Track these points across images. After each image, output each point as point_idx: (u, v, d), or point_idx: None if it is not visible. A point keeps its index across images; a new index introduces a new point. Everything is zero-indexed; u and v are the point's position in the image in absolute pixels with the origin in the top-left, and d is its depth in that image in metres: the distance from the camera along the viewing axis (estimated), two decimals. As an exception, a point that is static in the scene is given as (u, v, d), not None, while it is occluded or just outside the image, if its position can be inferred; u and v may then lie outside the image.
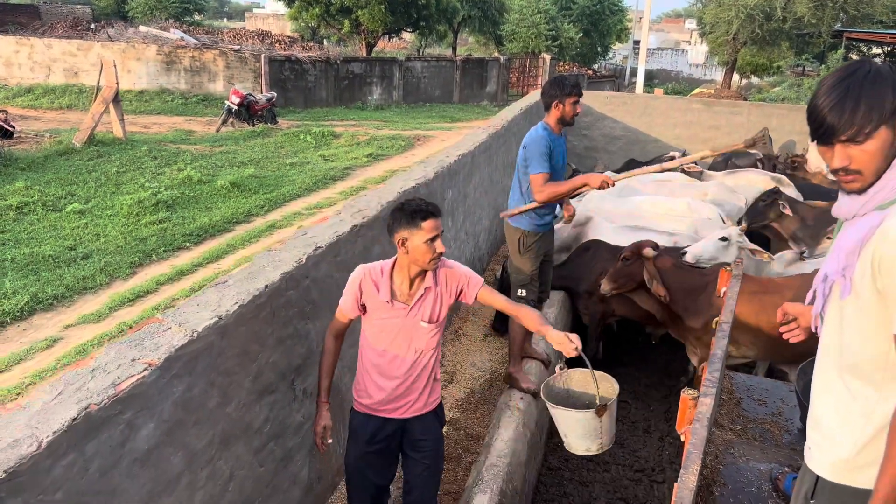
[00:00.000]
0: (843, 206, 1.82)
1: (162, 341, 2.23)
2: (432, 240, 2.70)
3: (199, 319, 2.40)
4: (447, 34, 34.33)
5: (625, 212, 6.43)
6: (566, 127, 4.46)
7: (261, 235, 9.68)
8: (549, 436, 4.81)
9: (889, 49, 26.79)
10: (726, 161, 8.80)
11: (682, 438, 2.30)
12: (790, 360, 4.46)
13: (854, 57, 28.49)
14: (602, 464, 4.59)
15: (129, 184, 11.07)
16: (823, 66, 21.49)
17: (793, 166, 8.50)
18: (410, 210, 2.72)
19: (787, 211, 6.14)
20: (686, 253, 4.96)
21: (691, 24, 49.82)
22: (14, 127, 13.55)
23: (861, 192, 1.76)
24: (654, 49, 50.65)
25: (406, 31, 30.37)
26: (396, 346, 2.82)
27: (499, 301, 2.94)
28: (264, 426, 2.82)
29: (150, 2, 40.51)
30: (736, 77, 34.25)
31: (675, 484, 1.95)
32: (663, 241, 5.55)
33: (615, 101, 10.61)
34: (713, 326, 4.36)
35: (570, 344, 2.63)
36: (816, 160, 8.32)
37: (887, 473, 1.65)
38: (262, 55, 19.02)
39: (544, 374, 4.51)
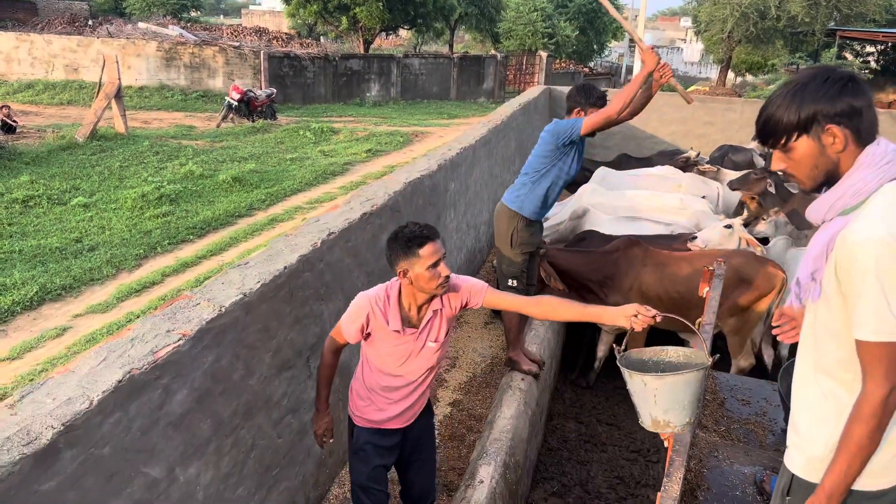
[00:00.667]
0: (812, 210, 1.88)
1: (193, 315, 2.40)
2: (434, 265, 2.56)
3: (225, 296, 2.57)
4: (444, 31, 34.47)
5: (620, 205, 6.61)
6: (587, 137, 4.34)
7: (263, 229, 9.83)
8: (549, 418, 4.99)
9: (882, 48, 27.04)
10: (723, 157, 8.98)
11: (666, 444, 2.23)
12: (684, 328, 4.84)
13: (848, 56, 28.76)
14: (599, 444, 4.77)
15: (133, 178, 11.21)
16: (816, 64, 21.69)
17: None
18: (405, 238, 2.57)
19: (771, 189, 6.36)
20: (696, 238, 5.22)
21: (687, 22, 49.99)
22: (17, 122, 13.67)
23: (808, 192, 1.89)
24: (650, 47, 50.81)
25: (403, 28, 30.52)
26: (406, 368, 2.76)
27: (506, 300, 2.88)
28: (282, 400, 2.99)
29: (147, -1, 40.47)
30: (731, 75, 34.47)
31: (658, 493, 1.92)
32: (660, 231, 5.74)
33: (611, 97, 10.78)
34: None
35: (646, 313, 2.40)
36: None
37: (834, 470, 1.71)
38: (262, 52, 19.15)
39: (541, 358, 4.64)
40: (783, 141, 1.77)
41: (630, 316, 2.40)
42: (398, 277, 2.64)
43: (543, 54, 28.71)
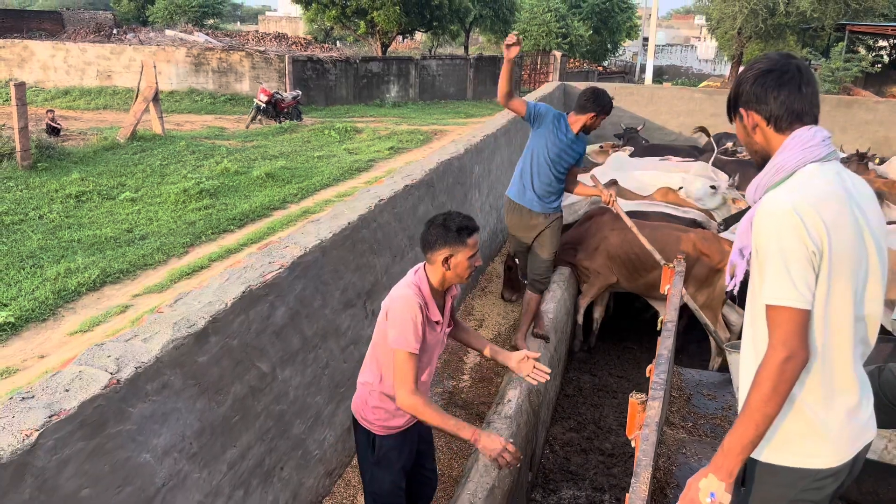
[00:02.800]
0: (748, 192, 1.97)
1: (286, 253, 3.08)
2: (474, 255, 2.66)
3: (306, 241, 3.25)
4: (459, 34, 35.19)
5: (627, 185, 7.22)
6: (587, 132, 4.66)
7: (297, 220, 10.54)
8: (565, 370, 5.64)
9: (893, 42, 27.35)
10: (718, 142, 9.54)
11: (633, 444, 2.21)
12: (643, 292, 5.76)
13: (861, 50, 29.08)
14: (610, 392, 5.41)
15: (173, 175, 11.98)
16: (825, 59, 22.13)
17: None
18: (455, 227, 2.61)
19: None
20: (682, 188, 5.89)
21: (700, 20, 50.31)
22: (61, 125, 14.50)
23: (760, 167, 1.94)
24: (663, 45, 51.27)
25: (419, 31, 31.27)
26: (430, 361, 2.78)
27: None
28: (347, 331, 3.66)
29: (170, 7, 41.54)
30: (744, 71, 34.84)
31: (627, 494, 1.92)
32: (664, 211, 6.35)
33: (623, 91, 11.41)
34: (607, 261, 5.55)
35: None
36: None
37: (732, 432, 1.73)
38: (287, 56, 19.93)
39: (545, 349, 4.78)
40: (730, 113, 1.96)
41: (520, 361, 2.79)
42: (432, 263, 2.67)
43: (557, 54, 29.31)
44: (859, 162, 8.31)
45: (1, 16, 41.33)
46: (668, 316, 3.13)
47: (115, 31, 38.21)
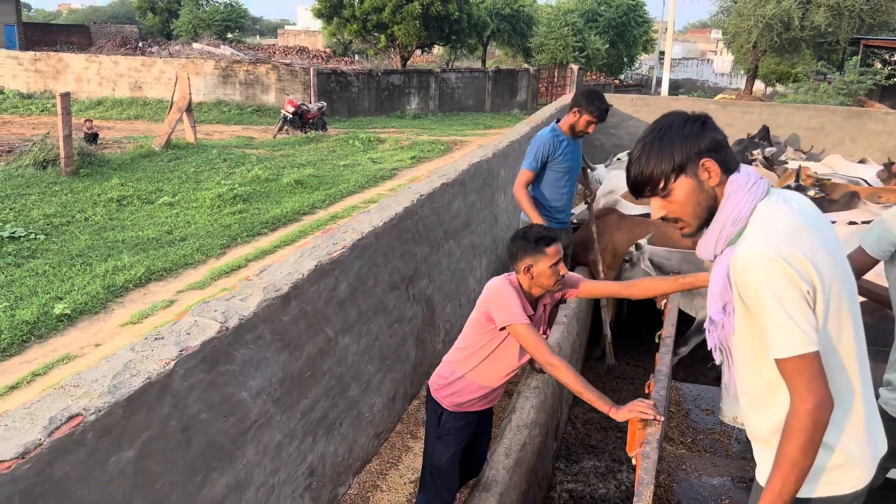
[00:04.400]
0: (701, 247, 1.90)
1: (346, 237, 3.54)
2: (556, 264, 2.80)
3: (361, 228, 3.71)
4: (477, 47, 35.83)
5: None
6: (576, 136, 4.66)
7: (326, 224, 11.02)
8: (585, 358, 6.06)
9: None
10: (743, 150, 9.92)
11: (634, 462, 2.21)
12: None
13: (877, 64, 29.32)
14: (627, 378, 5.83)
15: (207, 181, 12.53)
16: (840, 72, 22.45)
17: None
18: (534, 238, 2.81)
19: (756, 155, 7.31)
20: None
21: (717, 34, 50.64)
22: (98, 133, 15.14)
23: (692, 235, 1.90)
24: (679, 59, 51.61)
25: (438, 44, 31.91)
26: (524, 356, 2.95)
27: (602, 288, 3.28)
28: (393, 310, 4.11)
29: (194, 21, 42.50)
30: (761, 85, 35.20)
31: None
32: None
33: (639, 102, 11.84)
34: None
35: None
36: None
37: (770, 488, 1.70)
38: (312, 68, 20.56)
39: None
40: (661, 186, 1.81)
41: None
42: (517, 273, 2.88)
43: (574, 67, 29.79)
44: (888, 170, 8.69)
45: (31, 29, 42.51)
46: (666, 331, 3.03)
47: (140, 45, 39.20)
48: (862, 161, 9.54)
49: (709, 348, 2.01)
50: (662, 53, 32.65)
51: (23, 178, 11.63)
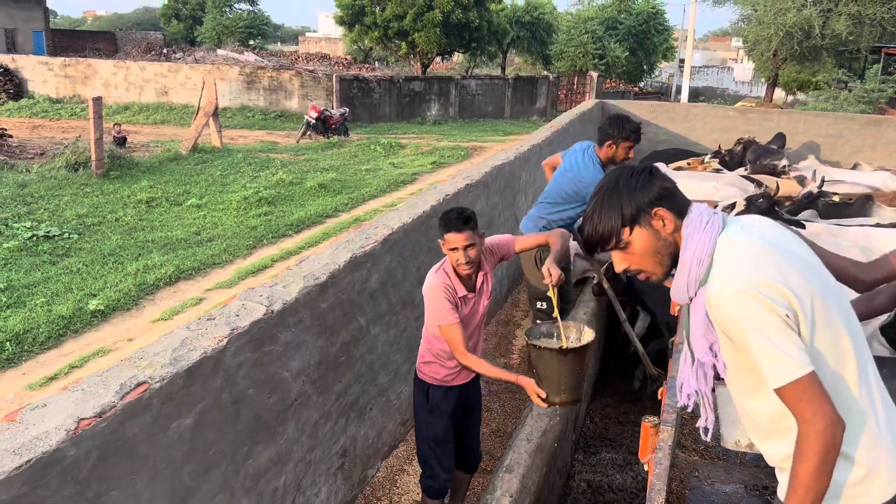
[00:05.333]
0: (674, 292, 1.89)
1: (377, 232, 3.74)
2: (454, 249, 2.93)
3: (392, 224, 3.91)
4: (497, 55, 36.07)
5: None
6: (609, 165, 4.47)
7: (349, 227, 11.25)
8: (603, 355, 6.22)
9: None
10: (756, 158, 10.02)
11: (646, 468, 2.20)
12: None
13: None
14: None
15: (233, 184, 12.82)
16: (861, 81, 22.42)
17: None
18: (443, 220, 2.95)
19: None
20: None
21: (737, 42, 50.53)
22: (127, 137, 15.51)
23: (661, 281, 1.89)
24: (699, 67, 51.58)
25: (458, 52, 32.18)
26: (471, 328, 3.14)
27: (530, 240, 3.38)
28: (419, 304, 4.28)
29: (217, 28, 43.12)
30: (782, 93, 35.12)
31: None
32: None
33: (658, 109, 11.98)
34: None
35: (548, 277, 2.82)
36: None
37: (792, 502, 1.66)
38: (334, 75, 20.88)
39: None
40: (615, 241, 1.81)
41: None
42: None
43: (594, 74, 29.92)
44: None
45: (58, 36, 43.29)
46: (679, 336, 2.99)
47: (164, 51, 39.86)
48: (855, 167, 9.62)
49: (682, 392, 1.99)
50: (682, 61, 32.70)
51: (55, 179, 11.98)
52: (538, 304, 4.28)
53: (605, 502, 4.28)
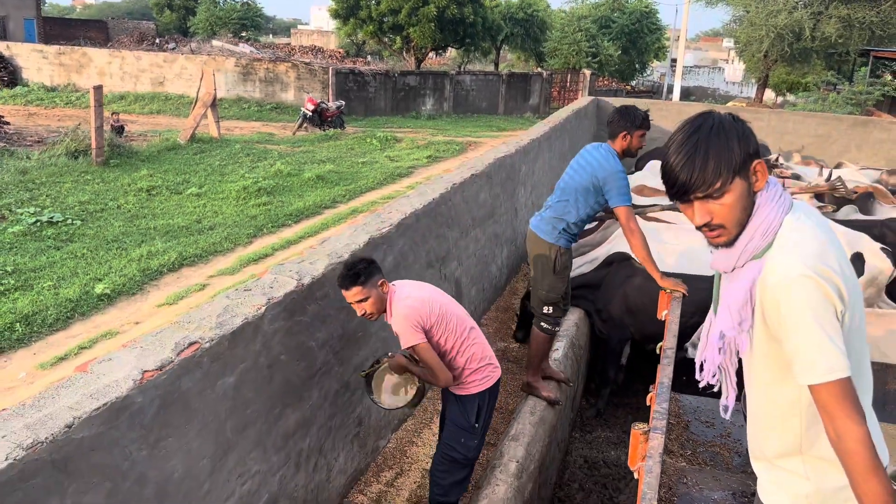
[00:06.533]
0: (719, 260, 1.81)
1: (391, 217, 3.96)
2: (353, 303, 2.96)
3: (404, 210, 4.13)
4: (490, 51, 36.26)
5: (660, 187, 7.94)
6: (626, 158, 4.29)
7: (347, 218, 11.44)
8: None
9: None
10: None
11: (636, 476, 2.21)
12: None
13: (888, 76, 29.63)
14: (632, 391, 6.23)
15: (232, 174, 12.99)
16: (849, 83, 22.80)
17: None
18: (338, 275, 2.98)
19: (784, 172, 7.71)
20: None
21: (729, 42, 50.92)
22: (124, 126, 15.61)
23: (729, 244, 1.76)
24: (691, 67, 51.98)
25: (453, 47, 32.36)
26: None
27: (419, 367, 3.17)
28: (428, 287, 4.52)
29: (211, 19, 43.07)
30: (772, 94, 35.53)
31: None
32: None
33: (653, 107, 12.16)
34: None
35: None
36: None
37: (863, 494, 1.55)
38: (330, 68, 21.02)
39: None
40: (718, 186, 1.67)
41: None
42: None
43: (587, 72, 30.18)
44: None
45: (49, 24, 43.06)
46: (667, 343, 3.01)
47: (157, 41, 39.78)
48: (838, 166, 9.93)
49: (703, 370, 1.94)
50: (674, 61, 33.01)
51: (56, 166, 12.10)
52: (545, 310, 4.24)
53: (600, 475, 4.52)
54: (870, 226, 6.13)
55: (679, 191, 1.71)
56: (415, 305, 2.98)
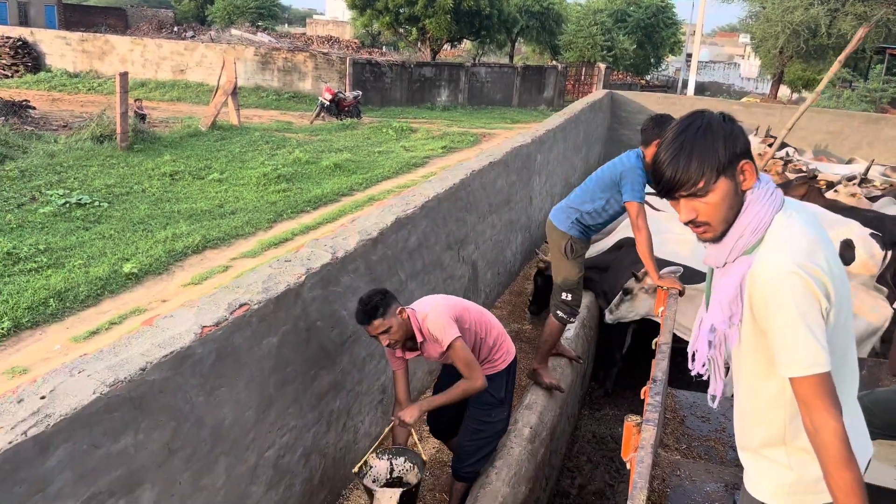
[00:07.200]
0: (711, 255, 1.86)
1: (416, 199, 4.21)
2: (375, 337, 3.00)
3: (427, 193, 4.38)
4: (505, 43, 36.38)
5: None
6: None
7: (364, 205, 11.71)
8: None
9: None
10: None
11: (628, 466, 2.26)
12: None
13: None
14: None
15: (252, 161, 13.27)
16: (864, 80, 22.81)
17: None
18: (355, 311, 3.00)
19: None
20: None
21: (745, 38, 50.67)
22: (147, 113, 15.93)
23: (715, 240, 1.81)
24: (706, 62, 51.81)
25: (468, 39, 32.50)
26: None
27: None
28: (447, 267, 4.78)
29: (228, 7, 43.36)
30: (787, 91, 35.46)
31: None
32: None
33: (666, 101, 12.42)
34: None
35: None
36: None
37: (835, 485, 1.61)
38: (348, 58, 21.26)
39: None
40: (702, 185, 1.72)
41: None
42: None
43: (602, 66, 30.27)
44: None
45: (69, 10, 43.53)
46: (662, 338, 3.06)
47: (175, 29, 40.14)
48: (850, 162, 10.11)
49: (695, 360, 1.99)
50: (690, 56, 33.01)
51: (82, 150, 12.42)
52: (563, 296, 4.33)
53: (607, 450, 4.77)
54: None
55: (665, 188, 1.78)
56: (441, 304, 3.16)
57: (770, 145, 9.59)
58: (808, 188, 7.23)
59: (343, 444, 3.48)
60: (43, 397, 1.89)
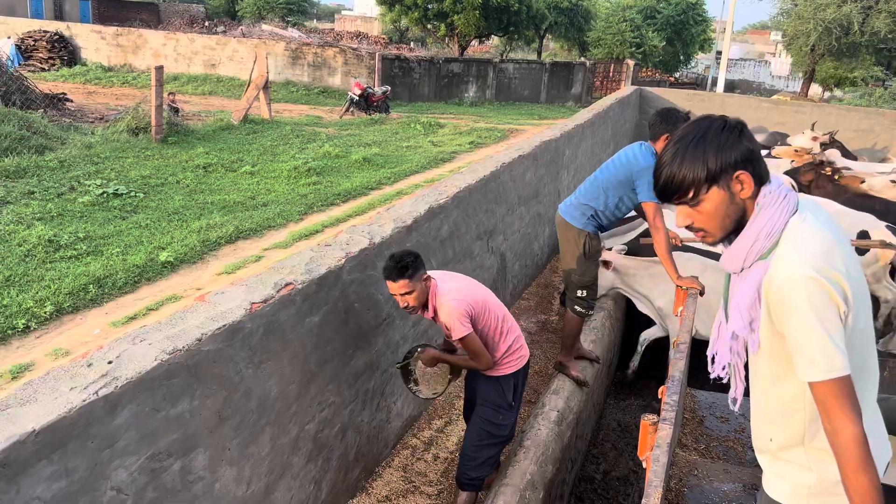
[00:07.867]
0: (727, 260, 1.86)
1: (448, 189, 4.34)
2: (395, 296, 3.05)
3: (458, 184, 4.50)
4: (534, 39, 36.36)
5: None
6: None
7: (392, 199, 11.87)
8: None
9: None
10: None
11: (644, 465, 2.26)
12: None
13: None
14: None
15: (283, 154, 13.51)
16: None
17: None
18: (384, 266, 3.05)
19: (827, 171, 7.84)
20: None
21: (776, 35, 50.04)
22: (180, 107, 16.25)
23: (715, 244, 1.86)
24: (736, 60, 51.26)
25: (496, 35, 32.57)
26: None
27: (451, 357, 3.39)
28: (476, 257, 4.90)
29: (258, 3, 43.79)
30: (819, 89, 35.02)
31: None
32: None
33: (694, 98, 12.41)
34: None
35: None
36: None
37: (852, 489, 1.62)
38: (377, 54, 21.45)
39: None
40: (691, 195, 1.76)
41: None
42: None
43: (630, 63, 30.13)
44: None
45: (103, 5, 44.25)
46: (681, 338, 3.03)
47: (206, 24, 40.64)
48: (884, 160, 10.04)
49: (715, 363, 2.00)
50: (719, 53, 32.75)
51: (118, 142, 12.73)
52: (579, 293, 4.32)
53: (632, 438, 4.86)
54: None
55: (660, 193, 1.84)
56: (460, 298, 3.12)
57: (822, 144, 9.54)
58: (815, 174, 7.24)
59: (377, 422, 3.62)
60: (110, 362, 2.05)
